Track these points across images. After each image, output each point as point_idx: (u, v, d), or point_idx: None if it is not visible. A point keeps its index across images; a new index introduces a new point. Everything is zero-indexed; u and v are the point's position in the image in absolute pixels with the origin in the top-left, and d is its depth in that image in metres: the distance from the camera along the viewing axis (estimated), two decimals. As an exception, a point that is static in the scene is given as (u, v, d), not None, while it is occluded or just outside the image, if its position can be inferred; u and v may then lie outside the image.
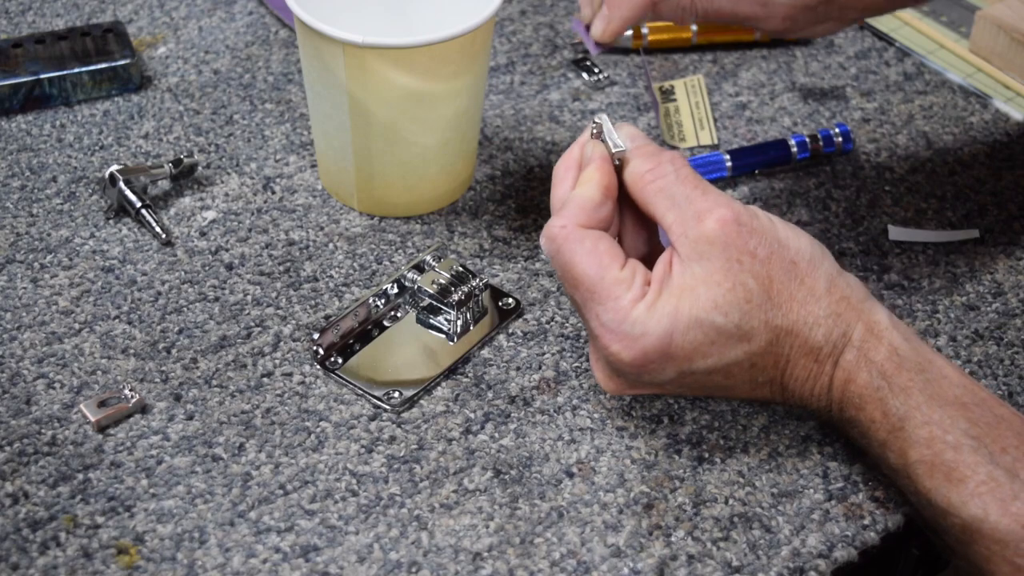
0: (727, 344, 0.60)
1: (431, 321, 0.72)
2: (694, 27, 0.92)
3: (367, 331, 0.72)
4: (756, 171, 0.84)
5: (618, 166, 0.64)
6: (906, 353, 0.61)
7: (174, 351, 0.71)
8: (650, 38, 0.93)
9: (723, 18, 0.70)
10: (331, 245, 0.77)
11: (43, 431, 0.66)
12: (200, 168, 0.82)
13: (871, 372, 0.60)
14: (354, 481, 0.65)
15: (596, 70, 0.91)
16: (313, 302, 0.74)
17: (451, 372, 0.70)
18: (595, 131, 0.65)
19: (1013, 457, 0.58)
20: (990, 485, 0.58)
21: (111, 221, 0.78)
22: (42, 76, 0.85)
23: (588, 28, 0.75)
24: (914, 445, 0.59)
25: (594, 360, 0.64)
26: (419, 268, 0.73)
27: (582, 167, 0.64)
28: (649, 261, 0.63)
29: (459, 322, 0.72)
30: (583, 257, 0.61)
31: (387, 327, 0.73)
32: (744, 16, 0.69)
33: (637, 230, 0.65)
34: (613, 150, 0.64)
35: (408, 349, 0.72)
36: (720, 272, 0.60)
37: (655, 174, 0.62)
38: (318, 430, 0.67)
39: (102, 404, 0.67)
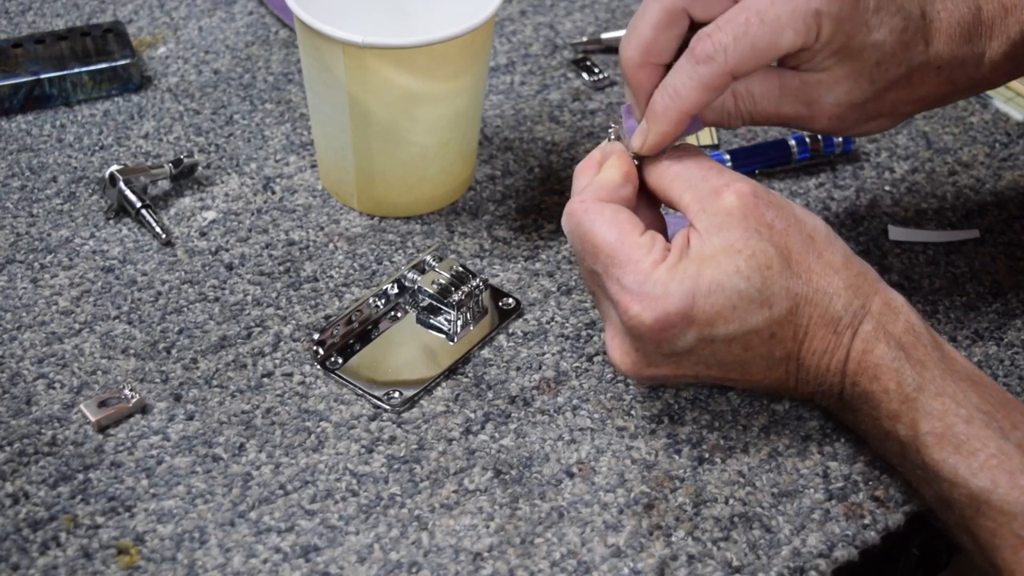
0: (749, 309, 0.60)
1: (431, 321, 0.72)
2: None
3: (367, 331, 0.72)
4: (756, 171, 0.84)
5: (637, 165, 0.65)
6: (921, 330, 0.62)
7: (174, 351, 0.71)
8: None
9: (769, 120, 0.67)
10: (331, 245, 0.77)
11: (43, 431, 0.66)
12: (200, 168, 0.82)
13: (889, 343, 0.61)
14: (354, 481, 0.65)
15: (596, 70, 0.91)
16: (313, 302, 0.74)
17: (451, 372, 0.70)
18: (613, 136, 0.67)
19: (1023, 433, 0.59)
20: (1000, 458, 0.58)
21: (111, 221, 0.78)
22: (42, 76, 0.85)
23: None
24: (926, 416, 0.60)
25: (610, 338, 0.64)
26: (419, 268, 0.73)
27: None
28: None
29: (459, 322, 0.72)
30: (602, 225, 0.62)
31: (387, 327, 0.73)
32: (789, 117, 0.67)
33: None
34: (631, 147, 0.65)
35: (408, 349, 0.72)
36: (740, 241, 0.61)
37: (671, 160, 0.64)
38: (318, 430, 0.67)
39: (102, 404, 0.67)
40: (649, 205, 0.66)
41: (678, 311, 0.60)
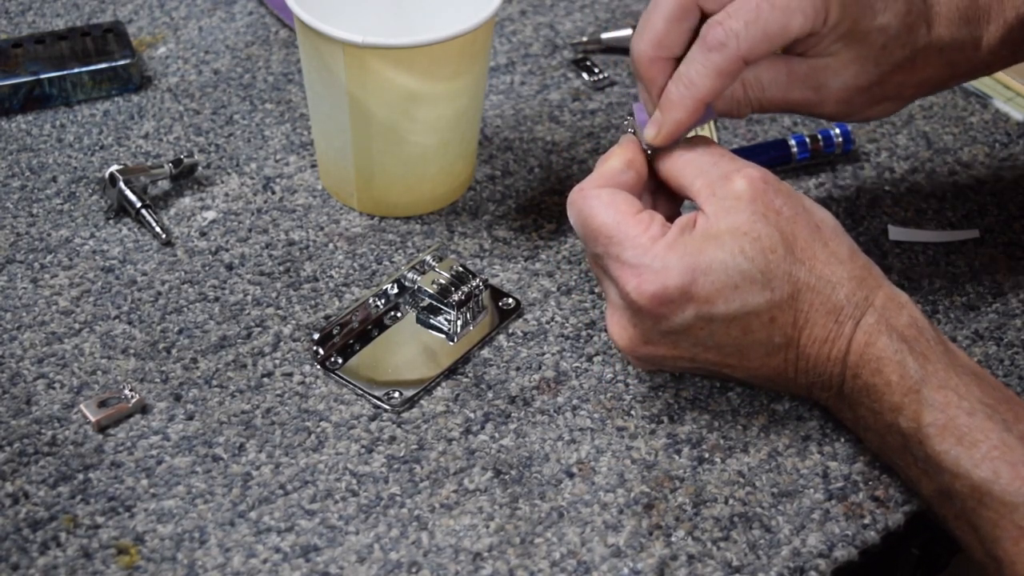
0: (750, 289, 0.61)
1: (431, 321, 0.72)
2: None
3: (367, 331, 0.72)
4: (756, 171, 0.84)
5: (650, 155, 0.66)
6: (925, 325, 0.62)
7: (174, 351, 0.71)
8: None
9: (777, 107, 0.68)
10: (331, 245, 0.77)
11: (43, 431, 0.66)
12: (200, 168, 0.82)
13: (891, 336, 0.61)
14: (354, 481, 0.65)
15: (596, 70, 0.91)
16: (313, 302, 0.74)
17: (451, 372, 0.70)
18: (630, 129, 0.67)
19: None
20: (1002, 449, 0.58)
21: (111, 221, 0.78)
22: (42, 76, 0.85)
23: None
24: (929, 408, 0.60)
25: (610, 314, 0.65)
26: (419, 268, 0.73)
27: None
28: None
29: (459, 322, 0.72)
30: (600, 208, 0.63)
31: (387, 327, 0.73)
32: (797, 102, 0.68)
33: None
34: (644, 138, 0.66)
35: (408, 349, 0.72)
36: (747, 224, 0.61)
37: (684, 149, 0.65)
38: (318, 430, 0.67)
39: (102, 404, 0.67)
40: (667, 200, 0.67)
41: (677, 286, 0.60)
